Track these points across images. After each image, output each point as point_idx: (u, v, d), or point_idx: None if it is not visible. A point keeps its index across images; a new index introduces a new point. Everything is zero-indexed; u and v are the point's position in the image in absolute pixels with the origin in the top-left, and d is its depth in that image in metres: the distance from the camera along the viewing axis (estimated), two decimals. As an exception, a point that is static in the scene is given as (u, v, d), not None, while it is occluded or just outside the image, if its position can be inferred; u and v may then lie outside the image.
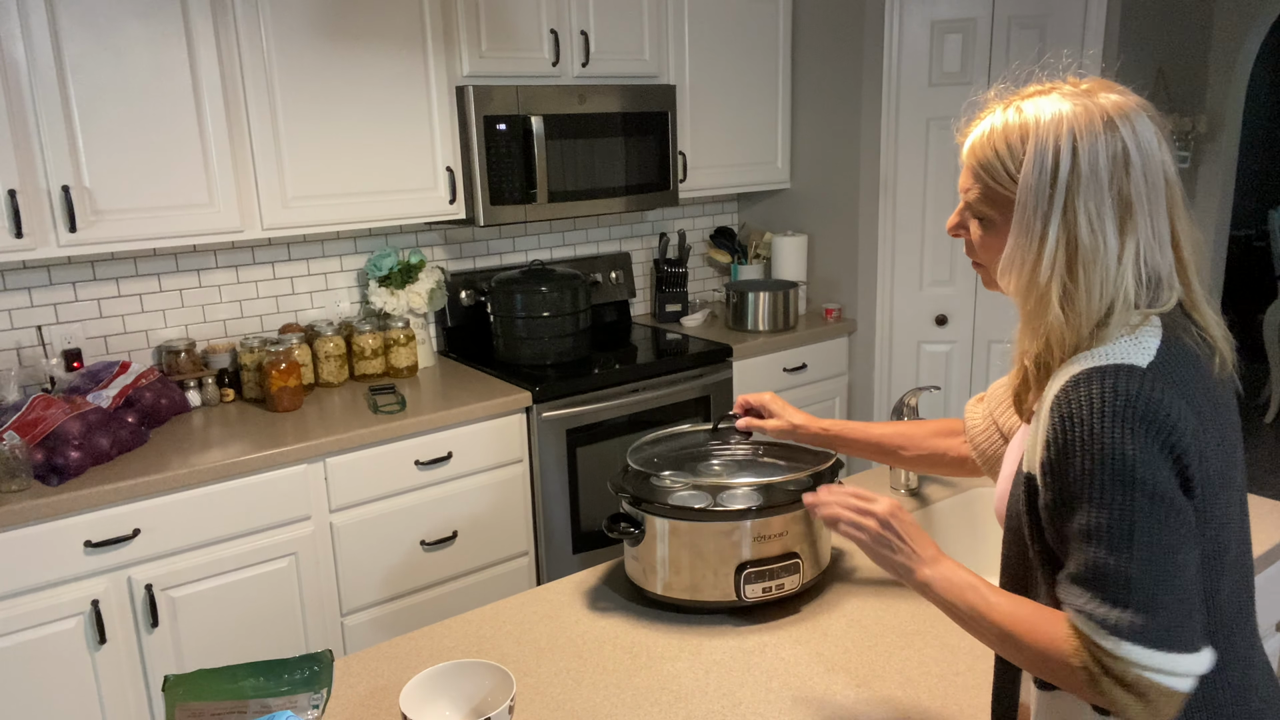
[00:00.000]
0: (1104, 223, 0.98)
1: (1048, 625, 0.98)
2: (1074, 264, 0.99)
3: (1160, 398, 0.93)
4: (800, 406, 3.48)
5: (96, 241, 2.34)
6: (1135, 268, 0.99)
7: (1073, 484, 0.95)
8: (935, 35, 3.26)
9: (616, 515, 1.59)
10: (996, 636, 1.03)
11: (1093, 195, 0.98)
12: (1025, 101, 1.05)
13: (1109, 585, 0.93)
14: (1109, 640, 0.92)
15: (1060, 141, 0.99)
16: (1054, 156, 0.99)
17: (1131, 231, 0.99)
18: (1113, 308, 0.99)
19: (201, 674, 1.36)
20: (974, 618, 1.05)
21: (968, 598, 1.05)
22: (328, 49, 2.58)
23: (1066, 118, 1.00)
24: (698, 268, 3.94)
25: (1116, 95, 1.03)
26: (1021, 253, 1.02)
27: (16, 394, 2.44)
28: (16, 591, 2.09)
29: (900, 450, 1.53)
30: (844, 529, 1.18)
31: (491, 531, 2.77)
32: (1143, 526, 0.92)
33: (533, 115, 2.87)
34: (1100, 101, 1.02)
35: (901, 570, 1.13)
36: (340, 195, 2.68)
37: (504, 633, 1.53)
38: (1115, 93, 1.04)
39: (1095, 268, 0.99)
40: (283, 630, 2.45)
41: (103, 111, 2.30)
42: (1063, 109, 1.01)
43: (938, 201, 3.39)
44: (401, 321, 2.95)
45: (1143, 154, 1.00)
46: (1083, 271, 0.99)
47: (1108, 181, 0.98)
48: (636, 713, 1.31)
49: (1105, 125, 0.99)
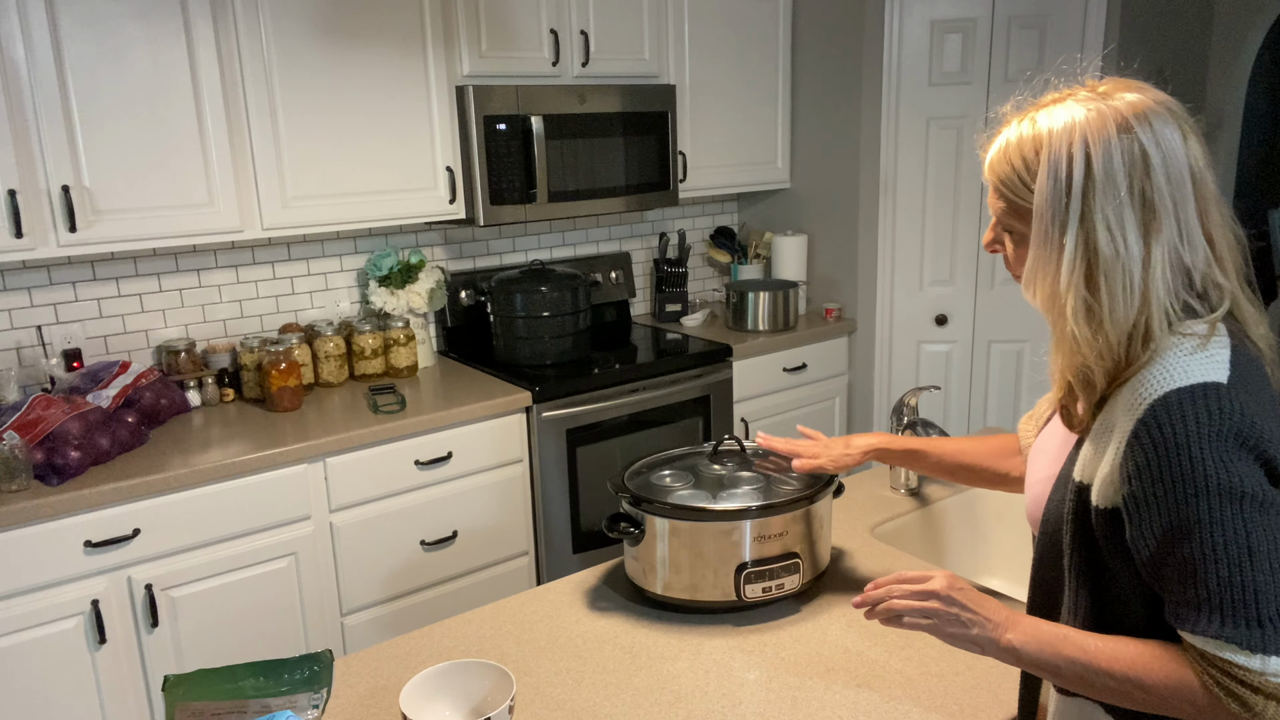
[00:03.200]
0: (1124, 229, 0.96)
1: (1165, 660, 0.95)
2: (1094, 274, 0.97)
3: (1247, 411, 0.92)
4: (800, 406, 3.50)
5: (96, 241, 2.34)
6: (1164, 272, 0.97)
7: (1178, 513, 0.92)
8: (935, 35, 3.26)
9: (616, 515, 1.59)
10: (1111, 685, 0.98)
11: (1110, 201, 0.96)
12: (1040, 112, 1.04)
13: (1238, 603, 0.90)
14: (1254, 659, 0.89)
15: (1073, 149, 0.98)
16: (1067, 165, 0.98)
17: (1157, 234, 0.96)
18: (1148, 316, 0.97)
19: (201, 674, 1.36)
20: (1079, 673, 1.00)
21: (1064, 652, 1.01)
22: (328, 49, 2.58)
23: (1079, 124, 0.98)
24: (698, 268, 3.94)
25: (1134, 95, 1.01)
26: (1042, 265, 1.01)
27: (16, 394, 2.44)
28: (16, 591, 2.09)
29: (977, 468, 1.49)
30: (909, 622, 1.11)
31: (491, 531, 2.77)
32: (1258, 537, 0.90)
33: (533, 115, 2.87)
34: (1115, 104, 0.99)
35: (982, 643, 1.07)
36: (340, 195, 2.68)
37: (504, 633, 1.53)
38: (1133, 92, 1.01)
39: (1117, 275, 0.96)
40: (283, 630, 2.45)
41: (103, 111, 2.30)
42: (1075, 116, 0.99)
43: (938, 201, 3.39)
44: (401, 321, 2.95)
45: (1163, 153, 0.97)
46: (1104, 280, 0.97)
47: (1126, 186, 0.96)
48: (636, 713, 1.31)
49: (1120, 128, 0.97)
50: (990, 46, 3.23)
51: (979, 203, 3.37)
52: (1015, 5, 3.18)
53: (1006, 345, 3.48)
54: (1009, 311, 3.44)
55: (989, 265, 3.42)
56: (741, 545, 1.50)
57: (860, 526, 1.87)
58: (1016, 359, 3.49)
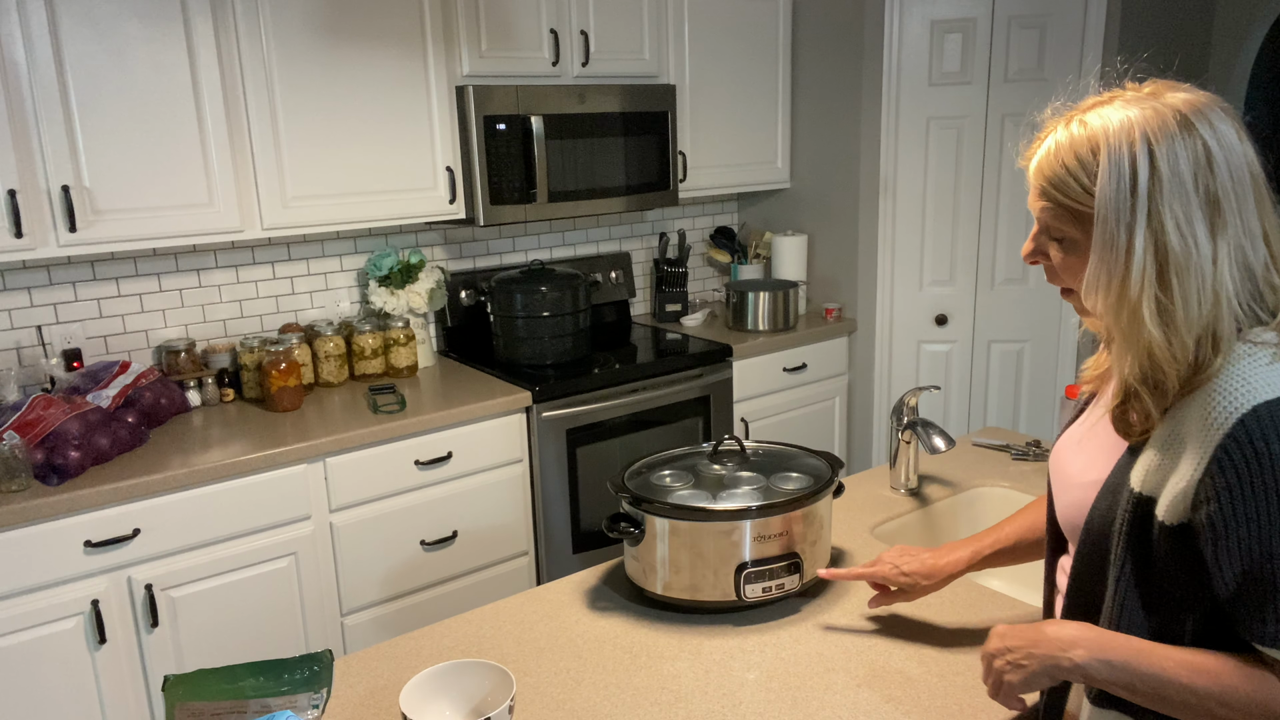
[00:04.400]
0: (1193, 226, 0.94)
1: (1249, 676, 0.94)
2: (1165, 273, 0.95)
3: None
4: (800, 406, 3.50)
5: (96, 241, 2.34)
6: (1230, 268, 0.95)
7: (1274, 532, 0.90)
8: (935, 35, 3.26)
9: (616, 515, 1.59)
10: (1191, 702, 0.95)
11: (1178, 198, 0.94)
12: (1088, 113, 1.01)
13: None
14: None
15: (1135, 148, 0.95)
16: (1130, 164, 0.95)
17: (1223, 231, 0.95)
18: (1217, 317, 0.95)
19: (201, 674, 1.36)
20: (1156, 689, 0.96)
21: (1139, 667, 0.97)
22: (328, 49, 2.58)
23: (1137, 122, 0.96)
24: (698, 267, 3.94)
25: (1185, 93, 0.99)
26: (1107, 268, 0.98)
27: (16, 394, 2.44)
28: (16, 591, 2.09)
29: (1027, 553, 1.43)
30: (1004, 698, 1.09)
31: (491, 531, 2.77)
32: None
33: (533, 115, 2.87)
34: (1169, 101, 0.98)
35: (1051, 671, 1.03)
36: (340, 195, 2.68)
37: (504, 633, 1.53)
38: (1183, 91, 1.00)
39: (1189, 274, 0.94)
40: (283, 630, 2.45)
41: (103, 111, 2.30)
42: (1130, 114, 0.97)
43: (938, 201, 3.39)
44: (401, 321, 2.95)
45: (1225, 149, 0.96)
46: (1176, 280, 0.95)
47: (1192, 183, 0.94)
48: (636, 713, 1.31)
49: (1180, 125, 0.95)
50: (990, 46, 3.23)
51: (979, 203, 3.37)
52: (1015, 5, 3.18)
53: (1006, 345, 3.48)
54: (1009, 311, 3.44)
55: (989, 265, 3.42)
56: (741, 545, 1.50)
57: (860, 526, 1.87)
58: (1016, 359, 3.49)
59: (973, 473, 2.11)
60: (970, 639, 1.45)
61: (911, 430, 1.97)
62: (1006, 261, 3.40)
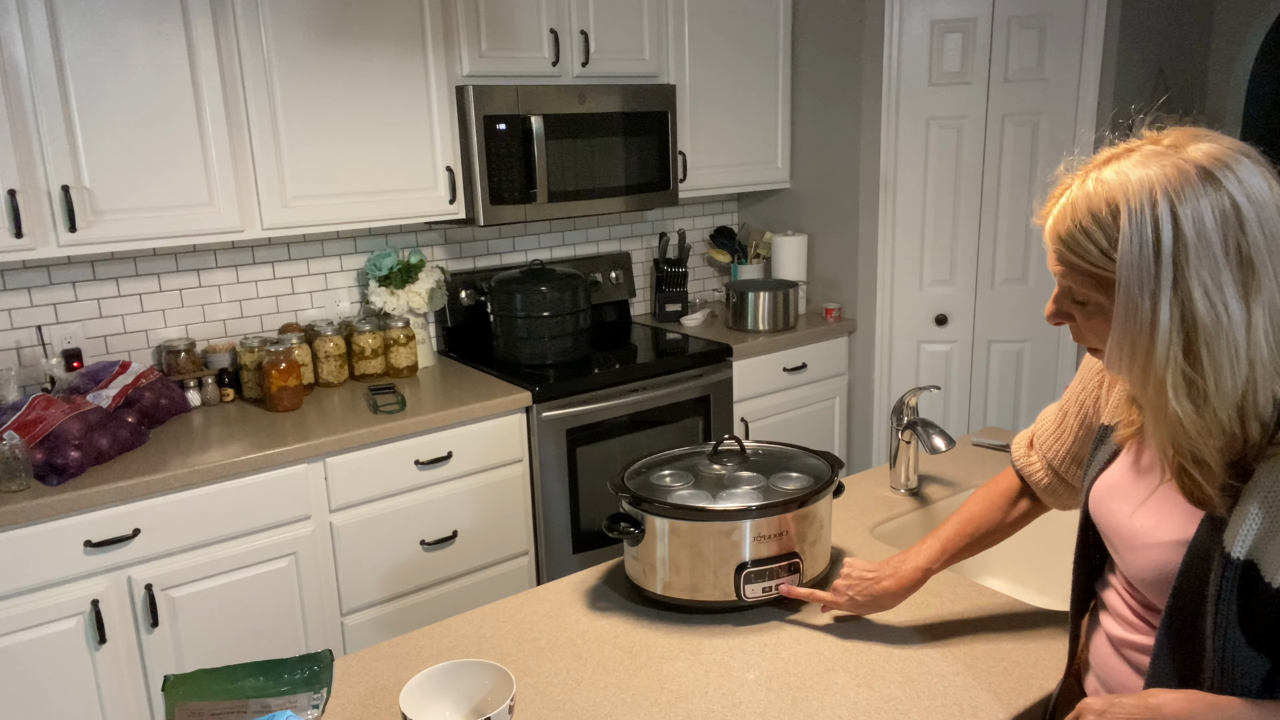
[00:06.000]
0: (1223, 291, 0.87)
1: None
2: (1194, 345, 0.89)
3: None
4: (800, 406, 3.50)
5: (96, 241, 2.34)
6: (1266, 331, 0.89)
7: None
8: (935, 35, 3.26)
9: (616, 515, 1.59)
10: None
11: (1206, 263, 0.87)
12: (1104, 170, 0.95)
13: None
14: None
15: (1157, 209, 0.89)
16: (1153, 227, 0.88)
17: (1257, 294, 0.88)
18: (1254, 385, 0.89)
19: (201, 674, 1.36)
20: None
21: None
22: (328, 49, 2.58)
23: (1157, 180, 0.90)
24: (698, 267, 3.94)
25: (1207, 144, 0.92)
26: (1131, 339, 0.92)
27: (16, 394, 2.44)
28: (16, 591, 2.09)
29: (991, 536, 1.45)
30: None
31: (491, 531, 2.77)
32: None
33: (533, 115, 2.87)
34: (1190, 155, 0.91)
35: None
36: (340, 195, 2.68)
37: (504, 633, 1.53)
38: (1205, 140, 0.93)
39: (1221, 344, 0.88)
40: (283, 630, 2.45)
41: (103, 111, 2.30)
42: (1149, 171, 0.91)
43: (938, 201, 3.39)
44: (401, 321, 2.95)
45: (1255, 204, 0.88)
46: (1205, 352, 0.88)
47: (1220, 244, 0.87)
48: (636, 713, 1.31)
49: (1204, 180, 0.89)
50: (990, 46, 3.23)
51: (979, 203, 3.37)
52: (1015, 5, 3.18)
53: (1006, 345, 3.48)
54: (1009, 311, 3.44)
55: (989, 265, 3.42)
56: (741, 545, 1.50)
57: (860, 526, 1.87)
58: (1016, 359, 3.49)
59: (973, 473, 2.11)
60: (970, 639, 1.45)
61: (911, 430, 1.97)
62: (1006, 261, 3.40)
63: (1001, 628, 1.48)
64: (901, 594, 1.45)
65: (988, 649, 1.42)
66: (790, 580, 1.53)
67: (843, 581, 1.49)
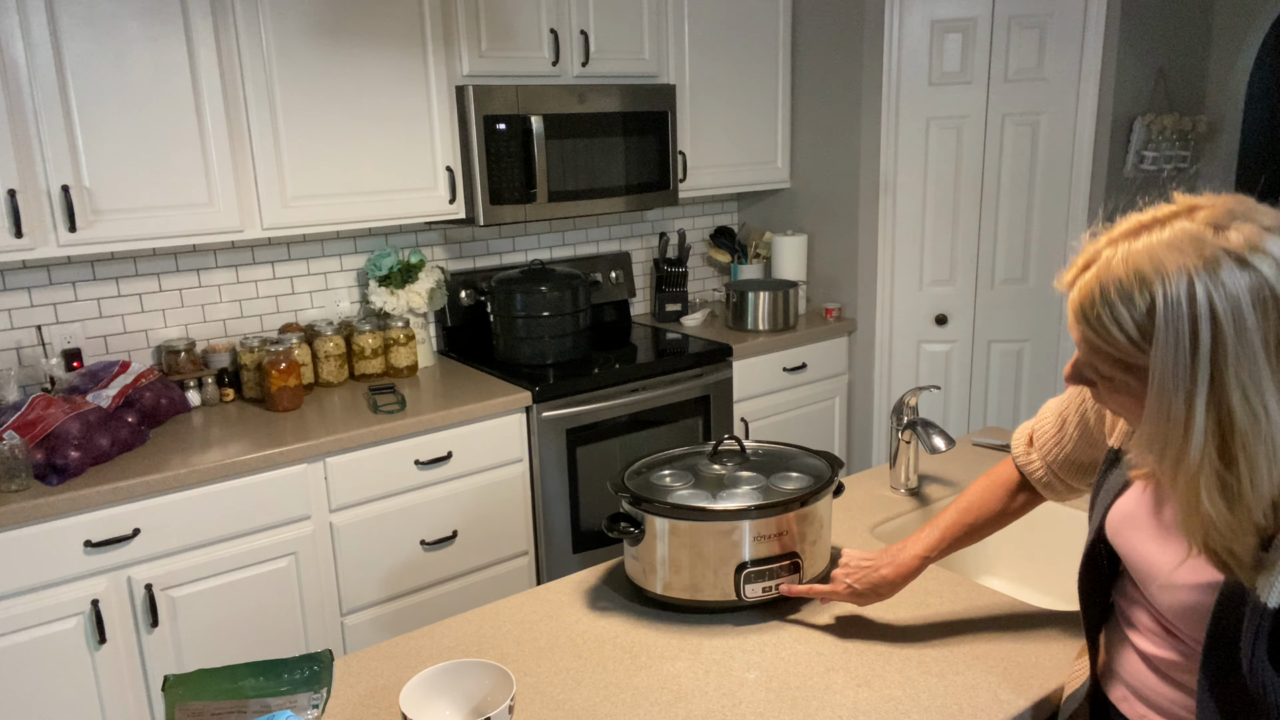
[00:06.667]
0: (1263, 392, 0.83)
1: None
2: (1230, 447, 0.85)
3: None
4: (800, 406, 3.50)
5: (96, 241, 2.34)
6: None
7: None
8: (935, 35, 3.26)
9: (616, 515, 1.59)
10: None
11: (1245, 364, 0.82)
12: (1135, 246, 0.88)
13: None
14: None
15: (1195, 306, 0.83)
16: (1190, 325, 0.83)
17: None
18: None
19: (201, 674, 1.36)
20: None
21: None
22: (327, 49, 2.58)
23: (1193, 269, 0.84)
24: (698, 267, 3.94)
25: (1247, 223, 0.86)
26: (1163, 436, 0.87)
27: (16, 394, 2.44)
28: (16, 591, 2.09)
29: (990, 525, 1.45)
30: None
31: (491, 531, 2.77)
32: None
33: (533, 115, 2.87)
34: (1230, 236, 0.85)
35: None
36: (340, 195, 2.68)
37: (504, 633, 1.53)
38: (1244, 219, 0.86)
39: (1259, 446, 0.84)
40: (283, 630, 2.45)
41: (103, 111, 2.30)
42: (1186, 260, 0.85)
43: (938, 201, 3.39)
44: (401, 321, 2.95)
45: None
46: (1242, 454, 0.84)
47: (1261, 342, 0.83)
48: (636, 712, 1.31)
49: (1242, 265, 0.83)
50: (990, 46, 3.23)
51: (979, 203, 3.37)
52: (1015, 5, 3.18)
53: (1006, 345, 3.48)
54: (1009, 311, 3.44)
55: (989, 265, 3.42)
56: (741, 545, 1.50)
57: (860, 526, 1.87)
58: (1016, 358, 3.49)
59: (973, 473, 2.11)
60: (970, 639, 1.45)
61: (911, 430, 1.97)
62: (1006, 261, 3.40)
63: (1001, 628, 1.48)
64: (900, 582, 1.44)
65: (988, 649, 1.42)
66: (790, 580, 1.53)
67: (841, 570, 1.49)
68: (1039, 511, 1.95)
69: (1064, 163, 3.28)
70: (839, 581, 1.48)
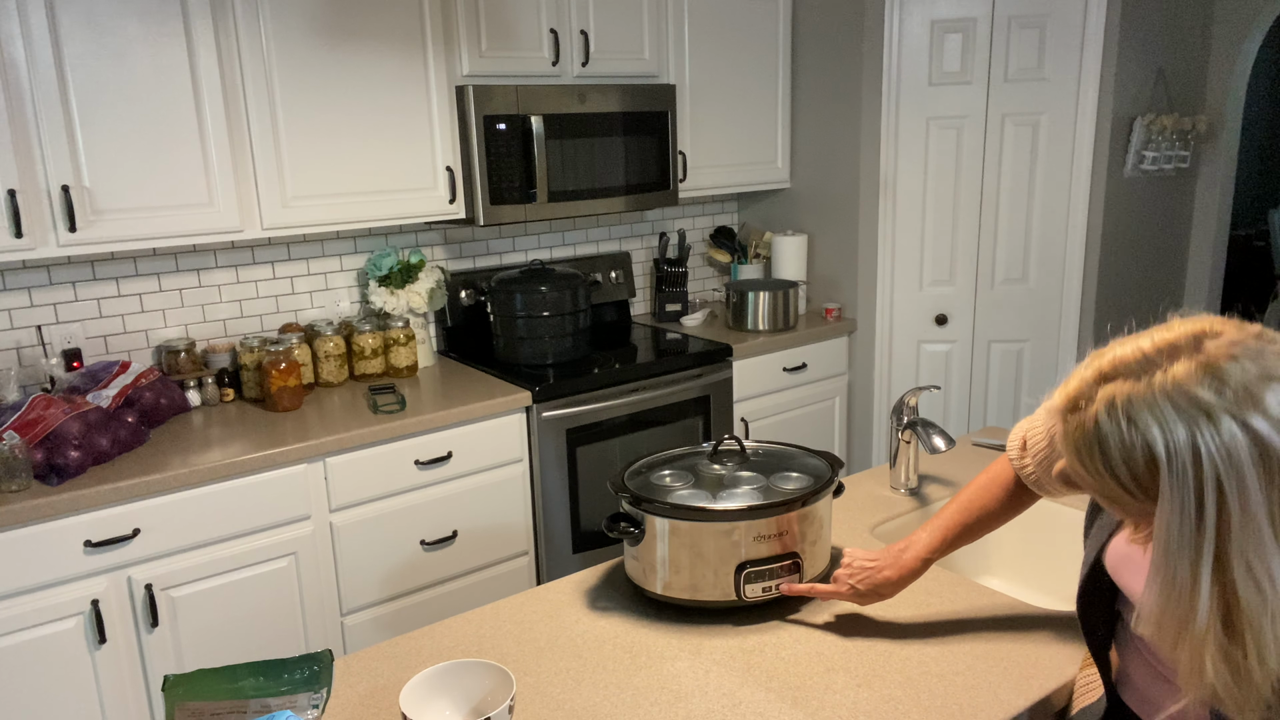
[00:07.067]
0: (1269, 565, 0.80)
1: None
2: (1234, 620, 0.82)
3: None
4: (800, 406, 3.50)
5: (96, 241, 2.34)
6: None
7: None
8: (935, 35, 3.26)
9: (616, 515, 1.59)
10: None
11: (1250, 538, 0.80)
12: (1133, 394, 0.84)
13: None
14: None
15: (1203, 475, 0.80)
16: (1196, 496, 0.81)
17: None
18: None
19: (201, 674, 1.36)
20: None
21: None
22: (327, 49, 2.58)
23: (1198, 433, 0.80)
24: (698, 267, 3.94)
25: (1252, 364, 0.81)
26: (1165, 601, 0.85)
27: (16, 394, 2.44)
28: (16, 591, 2.09)
29: (989, 523, 1.44)
30: None
31: (491, 531, 2.77)
32: None
33: (533, 115, 2.87)
34: (1232, 390, 0.81)
35: None
36: (340, 195, 2.68)
37: (504, 633, 1.53)
38: (1247, 357, 0.82)
39: (1264, 622, 0.81)
40: (283, 630, 2.45)
41: (103, 111, 2.30)
42: (1189, 420, 0.81)
43: (938, 201, 3.39)
44: (401, 321, 2.95)
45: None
46: (1248, 628, 0.82)
47: (1265, 513, 0.80)
48: (636, 712, 1.31)
49: (1244, 427, 0.79)
50: (990, 46, 3.23)
51: (979, 203, 3.37)
52: (1015, 5, 3.18)
53: (1006, 345, 3.48)
54: (1009, 311, 3.44)
55: (989, 265, 3.42)
56: (741, 545, 1.50)
57: (860, 526, 1.87)
58: (1016, 359, 3.49)
59: (973, 473, 2.11)
60: (970, 639, 1.45)
61: (911, 430, 1.97)
62: (1006, 261, 3.40)
63: (1001, 628, 1.48)
64: (901, 583, 1.45)
65: (988, 649, 1.42)
66: (790, 580, 1.53)
67: (844, 570, 1.49)
68: (1039, 511, 1.95)
69: (1064, 163, 3.28)
70: (842, 582, 1.48)
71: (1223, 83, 3.65)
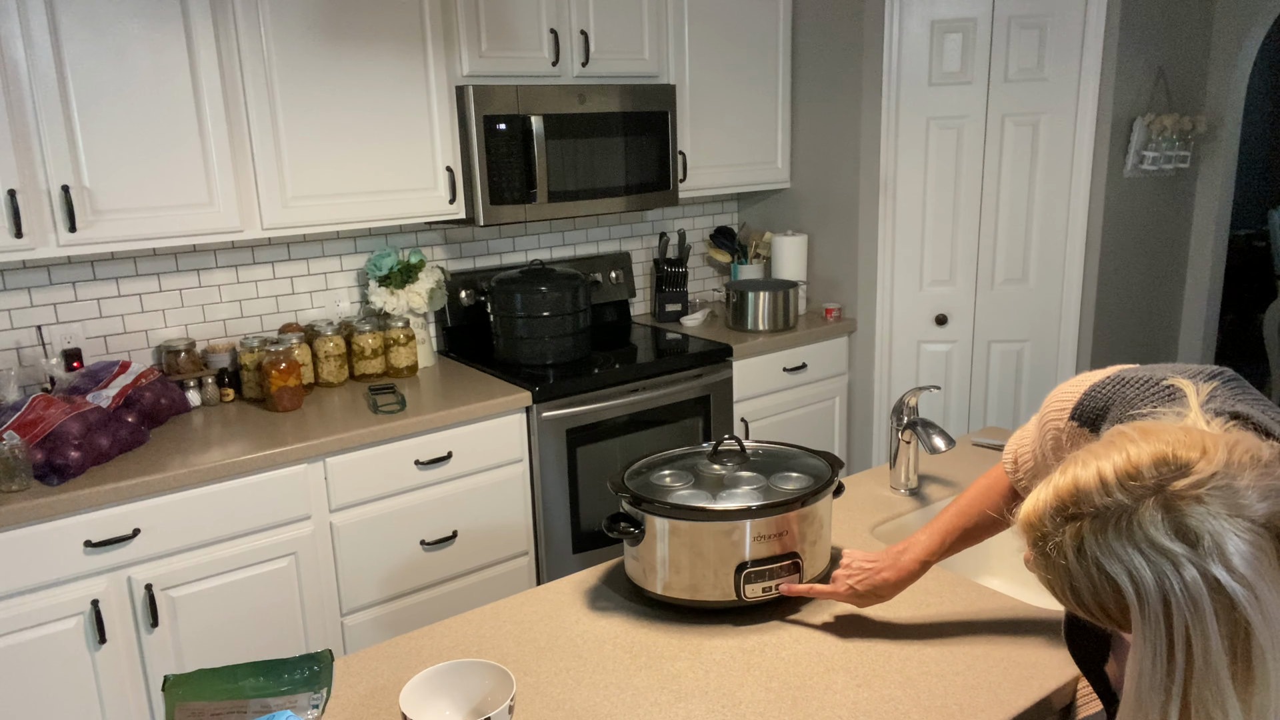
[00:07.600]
0: (1225, 709, 0.82)
1: None
2: None
3: None
4: (800, 406, 3.50)
5: (96, 241, 2.34)
6: None
7: None
8: (935, 35, 3.26)
9: (616, 515, 1.59)
10: None
11: (1209, 686, 0.82)
12: (1103, 550, 0.84)
13: None
14: None
15: (1172, 627, 0.81)
16: (1167, 646, 0.82)
17: (1264, 687, 0.82)
18: None
19: (201, 674, 1.36)
20: None
21: None
22: (327, 49, 2.58)
23: (1168, 588, 0.81)
24: (698, 267, 3.94)
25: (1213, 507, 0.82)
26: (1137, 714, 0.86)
27: (16, 394, 2.44)
28: (16, 591, 2.09)
29: (988, 528, 1.44)
30: None
31: (491, 531, 2.77)
32: None
33: (533, 115, 2.87)
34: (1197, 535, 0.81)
35: None
36: (340, 195, 2.68)
37: (504, 633, 1.53)
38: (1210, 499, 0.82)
39: None
40: (283, 630, 2.45)
41: (103, 111, 2.30)
42: (1165, 580, 0.81)
43: (938, 201, 3.39)
44: (401, 321, 2.95)
45: (1263, 609, 0.80)
46: None
47: (1227, 665, 0.82)
48: (636, 713, 1.31)
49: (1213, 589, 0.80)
50: (990, 46, 3.23)
51: (979, 203, 3.37)
52: (1015, 5, 3.18)
53: (1006, 345, 3.48)
54: (1009, 311, 3.44)
55: (989, 265, 3.42)
56: (741, 545, 1.50)
57: (860, 526, 1.87)
58: (1016, 359, 3.49)
59: (973, 473, 2.11)
60: (970, 639, 1.45)
61: (911, 430, 1.97)
62: (1006, 261, 3.40)
63: (1001, 628, 1.48)
64: (900, 585, 1.45)
65: (988, 649, 1.42)
66: (790, 580, 1.53)
67: (843, 571, 1.49)
68: (1039, 511, 1.95)
69: (1064, 163, 3.28)
70: (841, 582, 1.48)
71: (1223, 83, 3.65)
